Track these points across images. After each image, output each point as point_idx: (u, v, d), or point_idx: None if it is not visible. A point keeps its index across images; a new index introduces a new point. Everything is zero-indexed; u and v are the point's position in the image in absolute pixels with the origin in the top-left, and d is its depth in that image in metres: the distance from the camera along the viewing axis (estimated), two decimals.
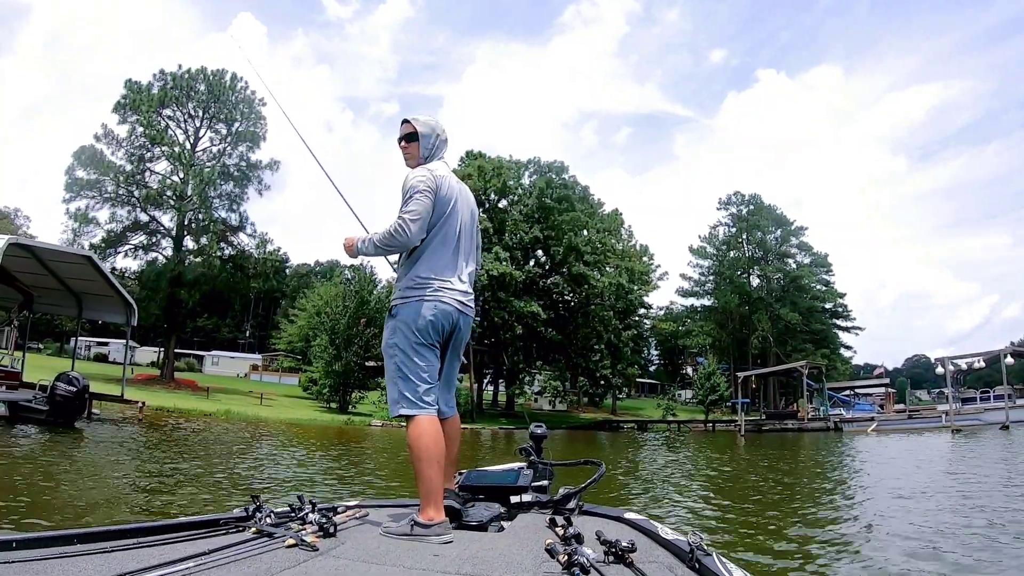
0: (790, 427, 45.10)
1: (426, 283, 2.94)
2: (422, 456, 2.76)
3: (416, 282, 2.95)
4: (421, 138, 3.16)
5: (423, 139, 3.16)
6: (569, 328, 50.89)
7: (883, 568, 5.67)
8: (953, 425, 35.97)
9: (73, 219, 42.30)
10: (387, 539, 2.54)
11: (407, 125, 3.18)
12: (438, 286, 2.95)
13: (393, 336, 2.96)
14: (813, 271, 70.57)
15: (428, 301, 2.91)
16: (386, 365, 2.99)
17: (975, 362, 41.93)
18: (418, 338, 2.90)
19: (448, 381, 3.18)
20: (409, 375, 2.88)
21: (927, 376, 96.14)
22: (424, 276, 2.95)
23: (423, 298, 2.92)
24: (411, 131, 3.17)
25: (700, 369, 64.22)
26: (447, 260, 3.01)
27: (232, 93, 46.50)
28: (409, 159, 3.19)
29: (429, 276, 2.95)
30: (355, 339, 40.32)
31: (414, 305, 2.92)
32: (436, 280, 2.96)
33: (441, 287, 2.96)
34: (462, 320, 3.06)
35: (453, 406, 3.23)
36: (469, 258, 3.17)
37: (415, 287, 2.94)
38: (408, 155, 3.19)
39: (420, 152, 3.16)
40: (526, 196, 51.02)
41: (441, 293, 2.94)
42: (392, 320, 3.00)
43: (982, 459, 17.65)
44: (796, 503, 10.39)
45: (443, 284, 2.97)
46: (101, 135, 43.33)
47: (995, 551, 6.15)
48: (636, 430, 47.07)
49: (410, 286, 2.95)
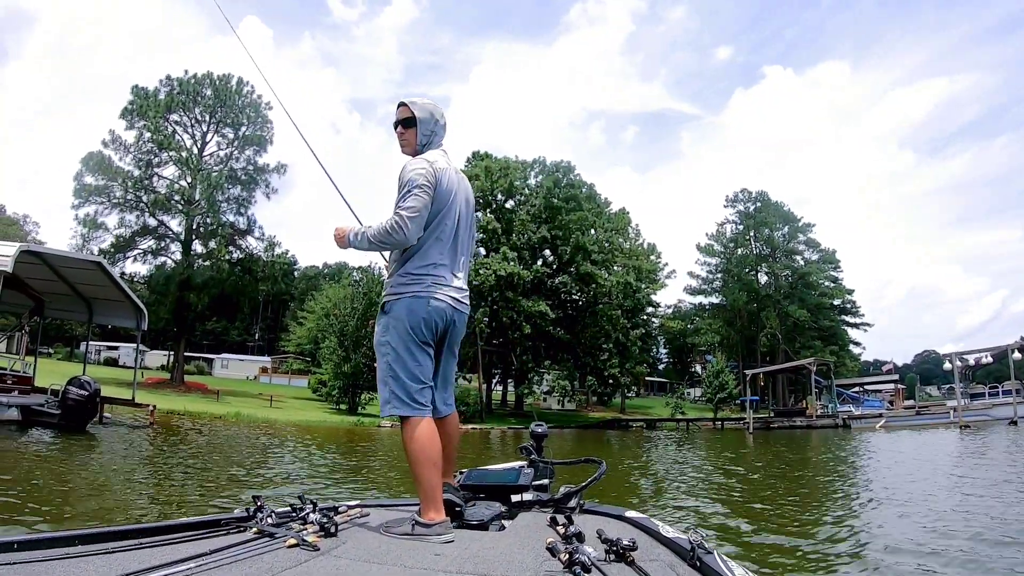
0: (799, 424, 45.25)
1: (420, 278, 2.80)
2: (418, 459, 2.69)
3: (410, 277, 2.81)
4: (419, 123, 2.96)
5: (421, 124, 2.97)
6: (577, 327, 50.99)
7: (888, 566, 5.69)
8: (961, 421, 35.92)
9: (82, 225, 42.65)
10: (388, 539, 2.51)
11: (403, 109, 2.99)
12: (432, 282, 2.81)
13: (385, 333, 2.82)
14: (821, 268, 70.23)
15: (422, 297, 2.78)
16: (378, 363, 2.87)
17: (983, 357, 41.81)
18: (411, 336, 2.77)
19: (445, 379, 3.05)
20: (401, 374, 2.75)
21: (937, 372, 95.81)
22: (417, 271, 2.81)
23: (417, 294, 2.78)
24: (408, 115, 2.97)
25: (709, 367, 64.08)
26: (443, 255, 2.87)
27: (239, 97, 46.75)
28: (405, 146, 3.01)
29: (423, 271, 2.81)
30: (364, 340, 40.41)
31: (407, 301, 2.79)
32: (430, 276, 2.82)
33: (435, 283, 2.82)
34: (457, 317, 2.93)
35: (451, 403, 3.13)
36: (466, 253, 3.04)
37: (408, 282, 2.81)
38: (404, 141, 3.01)
39: (418, 139, 2.98)
40: (533, 196, 51.12)
41: (435, 289, 2.81)
42: (384, 317, 2.85)
43: (986, 457, 17.63)
44: (799, 500, 10.41)
45: (437, 280, 2.83)
46: (109, 141, 43.68)
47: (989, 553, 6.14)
48: (645, 429, 47.11)
49: (403, 281, 2.82)
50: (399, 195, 2.79)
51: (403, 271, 2.85)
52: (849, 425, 42.09)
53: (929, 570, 5.53)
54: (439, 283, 2.84)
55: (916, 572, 5.49)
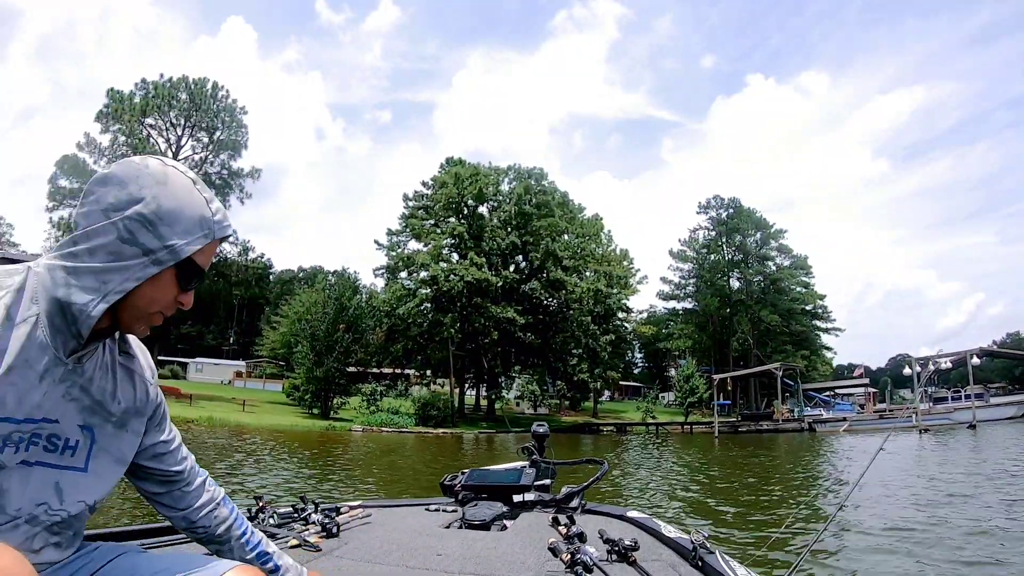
0: (765, 428, 45.54)
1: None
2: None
3: None
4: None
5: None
6: (548, 333, 51.46)
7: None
8: (921, 425, 36.71)
9: (57, 228, 42.60)
10: (390, 539, 2.50)
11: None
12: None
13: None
14: (793, 273, 70.97)
15: None
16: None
17: (943, 363, 42.74)
18: None
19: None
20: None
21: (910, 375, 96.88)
22: None
23: None
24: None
25: (679, 371, 64.69)
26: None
27: (214, 102, 46.91)
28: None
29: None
30: (336, 345, 40.72)
31: None
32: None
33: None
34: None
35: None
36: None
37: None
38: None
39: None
40: (505, 202, 51.52)
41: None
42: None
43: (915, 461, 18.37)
44: (747, 500, 11.05)
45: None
46: (84, 144, 43.79)
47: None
48: (615, 433, 47.56)
49: None
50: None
51: None
52: (814, 429, 42.63)
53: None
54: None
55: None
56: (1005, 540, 7.15)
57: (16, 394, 0.98)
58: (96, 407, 1.12)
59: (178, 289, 1.12)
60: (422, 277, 48.99)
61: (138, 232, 1.03)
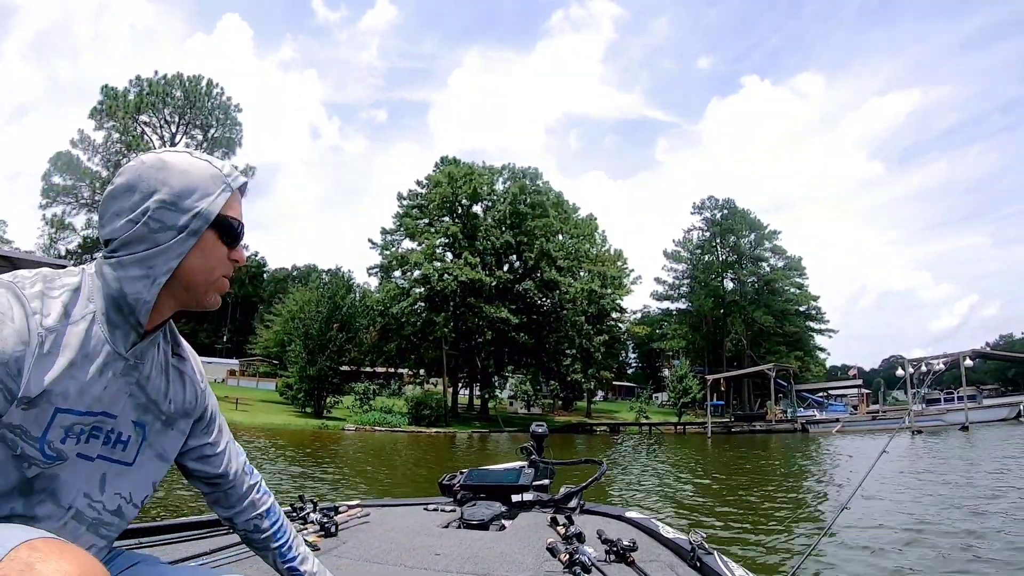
0: (758, 429, 45.68)
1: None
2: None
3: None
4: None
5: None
6: (542, 333, 51.51)
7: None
8: (913, 427, 36.74)
9: (50, 225, 42.51)
10: (388, 538, 2.50)
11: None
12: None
13: None
14: (787, 274, 71.12)
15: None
16: None
17: (936, 364, 42.80)
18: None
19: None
20: None
21: (903, 376, 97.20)
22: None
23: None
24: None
25: (673, 372, 64.75)
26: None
27: (208, 99, 46.84)
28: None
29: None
30: (329, 344, 40.63)
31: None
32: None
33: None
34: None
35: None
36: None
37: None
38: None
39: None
40: (499, 202, 51.53)
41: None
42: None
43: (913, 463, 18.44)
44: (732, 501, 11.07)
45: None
46: (78, 140, 43.59)
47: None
48: (608, 433, 47.57)
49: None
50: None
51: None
52: (807, 430, 42.73)
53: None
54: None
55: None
56: (1001, 543, 7.20)
57: (78, 387, 1.00)
58: (150, 405, 1.15)
59: (225, 248, 1.14)
60: (416, 276, 48.92)
61: (164, 217, 1.06)
